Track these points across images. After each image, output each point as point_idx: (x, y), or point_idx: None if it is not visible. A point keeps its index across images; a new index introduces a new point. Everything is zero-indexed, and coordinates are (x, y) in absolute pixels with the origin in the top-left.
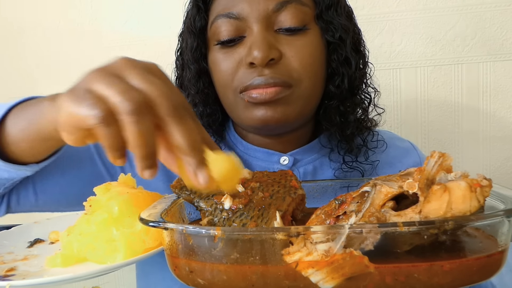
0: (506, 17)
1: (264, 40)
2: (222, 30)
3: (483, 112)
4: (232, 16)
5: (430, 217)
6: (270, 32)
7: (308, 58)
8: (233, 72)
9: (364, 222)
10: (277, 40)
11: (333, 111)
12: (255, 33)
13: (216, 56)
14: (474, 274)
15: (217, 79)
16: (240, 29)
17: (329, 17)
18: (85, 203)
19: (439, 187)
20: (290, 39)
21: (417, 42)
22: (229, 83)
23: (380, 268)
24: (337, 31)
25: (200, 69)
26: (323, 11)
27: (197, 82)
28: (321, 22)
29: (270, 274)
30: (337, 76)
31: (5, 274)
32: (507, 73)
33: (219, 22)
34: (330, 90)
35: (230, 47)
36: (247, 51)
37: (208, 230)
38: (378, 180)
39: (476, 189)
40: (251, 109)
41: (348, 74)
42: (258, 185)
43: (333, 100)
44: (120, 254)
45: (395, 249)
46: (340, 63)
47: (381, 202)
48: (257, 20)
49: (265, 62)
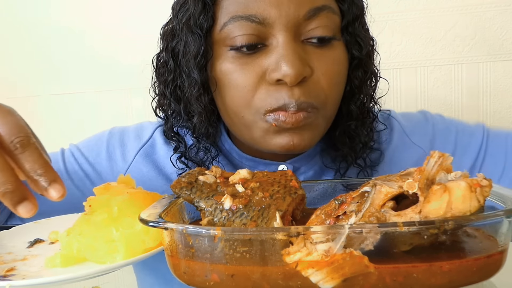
0: (506, 17)
1: (295, 54)
2: (240, 34)
3: (483, 112)
4: (254, 20)
5: (430, 217)
6: (298, 43)
7: (337, 77)
8: (253, 88)
9: (364, 222)
10: (306, 52)
11: (351, 132)
12: (283, 44)
13: (230, 67)
14: (474, 274)
15: (230, 94)
16: (262, 36)
17: (356, 30)
18: (84, 203)
19: (439, 187)
20: (319, 53)
21: (417, 42)
22: (248, 101)
23: (380, 268)
24: (365, 46)
25: (204, 79)
26: (349, 23)
27: (200, 95)
28: (346, 35)
29: (270, 274)
30: (358, 95)
31: (5, 274)
32: (507, 73)
33: (236, 24)
34: (350, 110)
35: (248, 56)
36: (274, 65)
37: (208, 230)
38: (378, 180)
39: (476, 189)
40: (274, 135)
41: (368, 93)
42: (258, 185)
43: (352, 121)
44: (120, 254)
45: (395, 249)
46: (364, 81)
47: (381, 202)
48: (286, 28)
49: (298, 80)
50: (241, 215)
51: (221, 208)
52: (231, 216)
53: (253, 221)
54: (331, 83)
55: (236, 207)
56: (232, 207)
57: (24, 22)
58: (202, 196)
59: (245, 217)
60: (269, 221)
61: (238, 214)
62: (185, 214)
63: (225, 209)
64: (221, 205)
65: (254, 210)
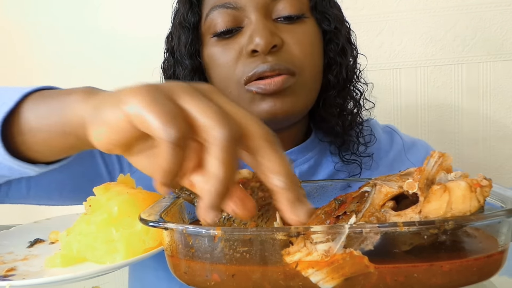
0: (506, 17)
1: (265, 27)
2: (219, 21)
3: (483, 112)
4: (229, 6)
5: (430, 217)
6: (269, 21)
7: (309, 46)
8: (234, 63)
9: (364, 222)
10: (277, 28)
11: (331, 102)
12: (255, 21)
13: (214, 50)
14: (474, 274)
15: (216, 73)
16: (238, 20)
17: (324, 8)
18: (84, 203)
19: (439, 187)
20: (289, 27)
21: (417, 42)
22: (230, 75)
23: (380, 268)
24: (333, 21)
25: (195, 65)
26: (317, 2)
27: (192, 78)
28: (316, 13)
29: (271, 274)
30: (335, 66)
31: (5, 274)
32: (507, 73)
33: (215, 13)
34: (328, 80)
35: (228, 39)
36: (247, 40)
37: (208, 230)
38: (378, 180)
39: (476, 189)
40: (258, 102)
41: (345, 64)
42: (258, 185)
43: (332, 90)
44: (119, 254)
45: (395, 249)
46: (337, 52)
47: (381, 202)
48: (256, 9)
49: (268, 48)
50: None
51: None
52: (231, 216)
53: (253, 221)
54: (304, 51)
55: None
56: None
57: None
58: None
59: None
60: (269, 221)
61: None
62: (185, 214)
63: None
64: None
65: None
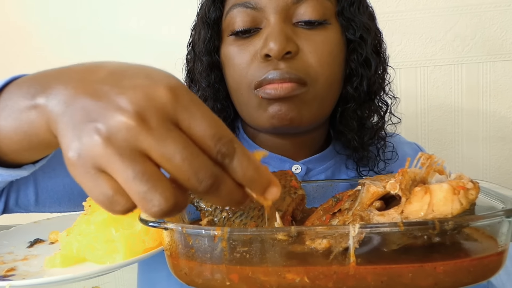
0: (506, 17)
1: (281, 32)
2: (238, 20)
3: (483, 112)
4: (249, 6)
5: (410, 218)
6: (288, 25)
7: (327, 56)
8: (247, 66)
9: (345, 221)
10: (295, 33)
11: (350, 115)
12: (272, 24)
13: (230, 49)
14: (474, 275)
15: (230, 73)
16: (257, 20)
17: (351, 14)
18: (84, 203)
19: (420, 188)
20: (309, 34)
21: (417, 42)
22: (243, 77)
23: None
24: (358, 30)
25: (213, 62)
26: (345, 8)
27: (208, 75)
28: (342, 19)
29: (270, 274)
30: (356, 78)
31: (5, 274)
32: (507, 73)
33: (235, 11)
34: (347, 92)
35: (245, 39)
36: (263, 43)
37: (208, 230)
38: (367, 179)
39: (460, 192)
40: (264, 107)
41: (367, 77)
42: None
43: (350, 103)
44: (119, 254)
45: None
46: (359, 63)
47: (368, 202)
48: (275, 11)
49: (281, 54)
50: (241, 215)
51: (221, 208)
52: (231, 216)
53: (253, 221)
54: (320, 61)
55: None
56: (232, 207)
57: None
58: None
59: (245, 217)
60: (269, 221)
61: (238, 214)
62: (185, 214)
63: (225, 209)
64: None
65: (254, 210)
